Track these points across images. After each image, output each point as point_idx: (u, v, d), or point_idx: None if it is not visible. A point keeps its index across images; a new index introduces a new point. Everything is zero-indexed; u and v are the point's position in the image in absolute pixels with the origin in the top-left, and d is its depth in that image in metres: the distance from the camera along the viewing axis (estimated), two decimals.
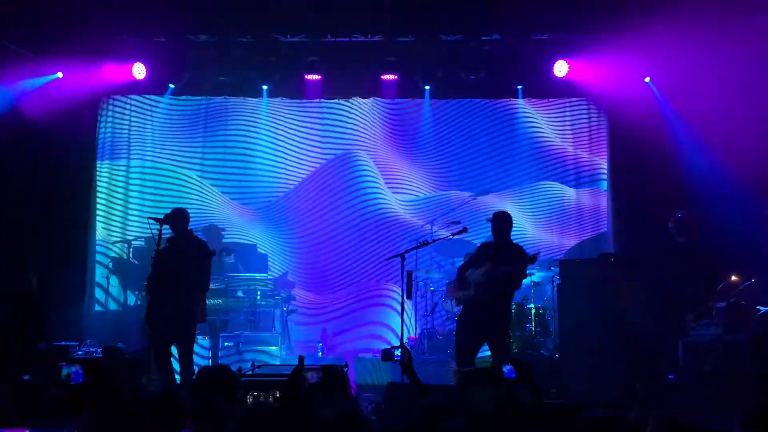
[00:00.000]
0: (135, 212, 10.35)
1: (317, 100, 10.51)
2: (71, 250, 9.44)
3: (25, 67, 9.15)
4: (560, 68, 9.51)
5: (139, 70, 9.54)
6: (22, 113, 9.15)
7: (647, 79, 9.61)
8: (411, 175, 10.78)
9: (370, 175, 10.75)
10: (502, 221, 6.88)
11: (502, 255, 6.73)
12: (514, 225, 6.99)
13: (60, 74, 9.50)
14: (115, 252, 10.22)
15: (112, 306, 10.02)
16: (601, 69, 9.55)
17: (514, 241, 7.04)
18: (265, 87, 10.29)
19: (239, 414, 3.15)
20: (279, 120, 10.76)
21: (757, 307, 7.77)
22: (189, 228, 7.15)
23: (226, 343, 8.87)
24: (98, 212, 10.20)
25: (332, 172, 10.78)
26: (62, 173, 9.47)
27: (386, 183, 10.77)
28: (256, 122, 10.72)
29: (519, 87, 10.11)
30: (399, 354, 4.18)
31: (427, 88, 10.21)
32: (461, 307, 7.07)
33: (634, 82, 9.67)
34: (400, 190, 10.81)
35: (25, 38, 8.91)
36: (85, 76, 9.57)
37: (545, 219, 10.48)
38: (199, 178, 10.63)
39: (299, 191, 10.74)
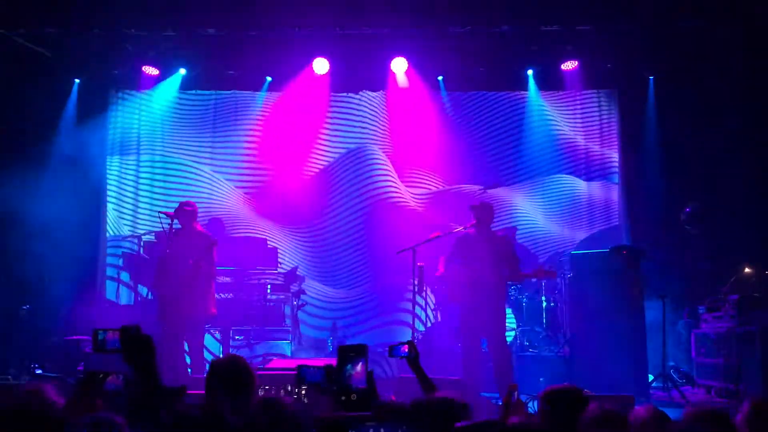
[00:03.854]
0: (145, 207, 10.38)
1: (327, 93, 10.47)
2: (82, 246, 9.46)
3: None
4: (569, 61, 9.45)
5: (149, 70, 9.62)
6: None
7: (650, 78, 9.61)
8: (422, 169, 10.74)
9: (383, 169, 10.72)
10: (488, 211, 6.90)
11: (488, 245, 6.77)
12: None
13: (77, 81, 9.72)
14: (125, 247, 10.26)
15: (123, 301, 10.05)
16: (611, 62, 9.50)
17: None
18: (268, 78, 10.22)
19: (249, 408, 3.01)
20: (288, 114, 10.72)
21: (754, 294, 7.75)
22: (197, 220, 7.22)
23: (237, 337, 8.90)
24: (108, 207, 10.23)
25: (344, 166, 10.75)
26: (73, 168, 9.49)
27: (398, 176, 10.75)
28: (265, 116, 10.70)
29: (529, 72, 9.97)
30: (405, 350, 4.05)
31: (440, 78, 10.15)
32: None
33: (643, 76, 9.62)
34: (412, 183, 10.77)
35: (39, 36, 8.96)
36: (95, 71, 9.64)
37: (556, 212, 10.40)
38: (209, 172, 10.64)
39: (310, 185, 10.72)
